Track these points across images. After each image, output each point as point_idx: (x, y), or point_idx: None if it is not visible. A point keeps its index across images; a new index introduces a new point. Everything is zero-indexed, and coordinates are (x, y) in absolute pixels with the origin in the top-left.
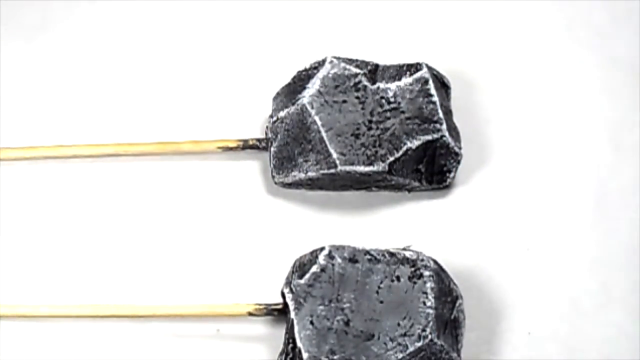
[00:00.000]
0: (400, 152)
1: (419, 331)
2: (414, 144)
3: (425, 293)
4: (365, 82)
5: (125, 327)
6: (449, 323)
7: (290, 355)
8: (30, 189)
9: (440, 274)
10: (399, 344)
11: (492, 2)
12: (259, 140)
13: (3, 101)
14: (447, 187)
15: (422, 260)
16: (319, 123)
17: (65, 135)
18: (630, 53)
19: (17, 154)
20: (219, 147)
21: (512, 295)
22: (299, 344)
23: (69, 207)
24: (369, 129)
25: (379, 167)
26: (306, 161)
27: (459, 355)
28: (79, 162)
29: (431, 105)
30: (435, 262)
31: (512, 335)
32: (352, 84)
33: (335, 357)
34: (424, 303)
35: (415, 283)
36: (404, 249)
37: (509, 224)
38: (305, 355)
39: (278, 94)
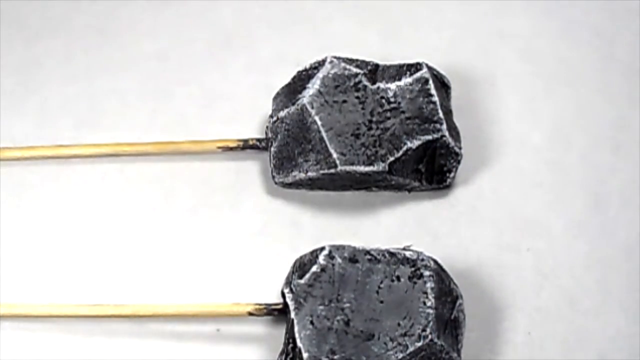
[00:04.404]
0: (400, 152)
1: (419, 331)
2: (414, 144)
3: (426, 293)
4: (365, 82)
5: (125, 327)
6: (449, 323)
7: (290, 355)
8: (30, 189)
9: (440, 274)
10: (399, 344)
11: (492, 2)
12: (259, 140)
13: (3, 101)
14: (447, 187)
15: (422, 260)
16: (319, 123)
17: (65, 135)
18: (629, 53)
19: (17, 154)
20: (219, 147)
21: (512, 295)
22: (299, 344)
23: (68, 207)
24: (369, 129)
25: (379, 167)
26: (306, 161)
27: (459, 355)
28: (79, 162)
29: (431, 105)
30: (436, 262)
31: (512, 335)
32: (352, 84)
33: (335, 357)
34: (424, 303)
35: (415, 283)
36: (404, 249)
37: (509, 224)
38: (305, 355)
39: (278, 94)
